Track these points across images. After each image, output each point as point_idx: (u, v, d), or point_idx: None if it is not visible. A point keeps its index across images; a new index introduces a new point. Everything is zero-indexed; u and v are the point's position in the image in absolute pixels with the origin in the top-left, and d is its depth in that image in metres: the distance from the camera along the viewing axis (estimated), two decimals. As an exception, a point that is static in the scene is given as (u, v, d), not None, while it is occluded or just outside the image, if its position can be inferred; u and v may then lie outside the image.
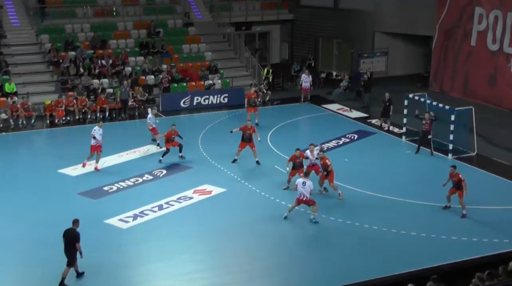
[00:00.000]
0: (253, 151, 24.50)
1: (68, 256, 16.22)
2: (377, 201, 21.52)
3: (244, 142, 24.48)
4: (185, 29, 38.15)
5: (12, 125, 29.31)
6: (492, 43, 33.18)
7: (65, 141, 28.21)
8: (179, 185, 22.80)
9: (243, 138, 24.47)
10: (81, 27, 35.96)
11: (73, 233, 16.23)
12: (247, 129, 24.35)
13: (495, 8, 32.86)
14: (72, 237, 16.17)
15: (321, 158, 21.86)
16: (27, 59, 33.60)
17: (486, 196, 22.07)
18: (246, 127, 24.39)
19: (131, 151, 26.10)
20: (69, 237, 16.23)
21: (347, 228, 19.58)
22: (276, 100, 34.50)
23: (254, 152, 24.51)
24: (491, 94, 33.25)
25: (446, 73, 36.06)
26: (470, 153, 25.84)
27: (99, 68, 33.29)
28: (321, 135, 28.16)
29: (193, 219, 20.11)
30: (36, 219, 19.88)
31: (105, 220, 19.78)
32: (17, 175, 23.87)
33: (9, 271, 17.03)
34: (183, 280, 16.74)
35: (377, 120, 30.33)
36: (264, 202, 21.33)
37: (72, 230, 16.31)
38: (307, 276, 16.91)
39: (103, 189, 22.38)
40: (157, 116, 30.91)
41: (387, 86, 36.12)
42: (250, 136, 24.40)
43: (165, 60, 35.38)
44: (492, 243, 18.33)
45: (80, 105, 30.46)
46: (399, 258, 17.70)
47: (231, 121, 30.91)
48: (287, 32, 43.26)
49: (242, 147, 24.55)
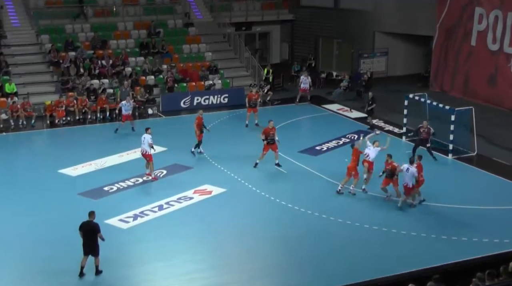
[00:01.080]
0: (275, 153, 24.15)
1: (88, 248, 16.42)
2: (377, 201, 21.51)
3: (269, 144, 23.99)
4: (185, 29, 38.14)
5: (12, 125, 29.30)
6: (492, 43, 33.18)
7: (65, 141, 28.20)
8: (179, 185, 22.79)
9: (268, 141, 23.94)
10: (81, 27, 35.97)
11: (91, 225, 16.42)
12: (270, 130, 23.92)
13: (495, 8, 32.85)
14: (91, 230, 16.35)
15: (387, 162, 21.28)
16: (27, 60, 33.58)
17: (486, 196, 22.10)
18: (268, 129, 23.96)
19: (131, 151, 26.06)
20: (87, 230, 16.39)
21: (347, 228, 19.58)
22: (276, 100, 34.50)
23: (276, 154, 24.16)
24: (491, 94, 33.24)
25: (446, 73, 36.06)
26: (470, 153, 25.83)
27: (99, 69, 33.28)
28: (321, 136, 28.21)
29: (194, 219, 20.12)
30: (36, 219, 19.88)
31: (106, 220, 19.72)
32: (18, 175, 23.88)
33: (9, 270, 17.03)
34: (183, 280, 16.75)
35: (377, 120, 30.35)
36: (264, 202, 21.33)
37: (89, 222, 16.47)
38: (307, 276, 16.91)
39: (104, 189, 22.38)
40: (158, 117, 30.97)
41: (387, 86, 36.24)
42: (273, 137, 24.01)
43: (165, 61, 35.37)
44: (493, 243, 18.32)
45: (81, 106, 30.45)
46: (399, 258, 17.70)
47: (231, 122, 30.96)
48: (287, 32, 43.26)
49: (267, 150, 24.06)
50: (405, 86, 34.61)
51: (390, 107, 31.42)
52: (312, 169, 24.24)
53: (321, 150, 26.71)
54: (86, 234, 16.41)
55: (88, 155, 25.35)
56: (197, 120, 25.57)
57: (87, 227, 16.42)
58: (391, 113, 30.70)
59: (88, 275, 16.60)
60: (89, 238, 16.38)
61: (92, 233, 16.36)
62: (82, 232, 16.46)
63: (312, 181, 23.28)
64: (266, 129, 24.05)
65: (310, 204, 20.98)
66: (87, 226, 16.44)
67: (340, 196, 21.90)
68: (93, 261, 16.61)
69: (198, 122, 25.52)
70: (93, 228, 16.38)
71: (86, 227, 16.43)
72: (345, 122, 31.03)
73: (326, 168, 24.17)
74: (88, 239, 16.39)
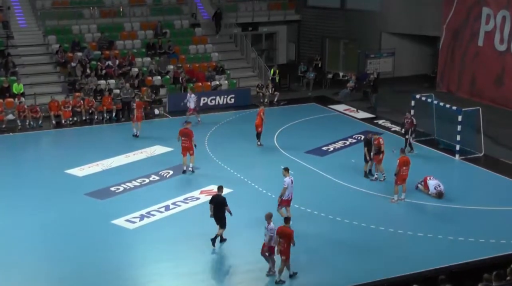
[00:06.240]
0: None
1: (218, 219, 18.17)
2: (384, 203, 21.48)
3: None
4: (192, 29, 38.18)
5: (19, 126, 29.38)
6: (500, 43, 33.07)
7: (72, 142, 28.27)
8: (185, 185, 22.84)
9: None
10: (88, 28, 36.05)
11: (221, 198, 18.23)
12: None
13: (503, 9, 32.75)
14: (221, 202, 18.16)
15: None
16: (34, 60, 33.69)
17: (493, 196, 22.04)
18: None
19: (138, 152, 26.13)
20: (218, 203, 18.16)
21: (354, 229, 19.56)
22: (283, 100, 34.48)
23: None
24: (498, 94, 33.15)
25: (453, 73, 35.97)
26: (477, 154, 25.76)
27: (106, 69, 33.35)
28: (328, 136, 28.17)
29: (200, 219, 20.08)
30: (43, 219, 19.94)
31: (112, 220, 19.82)
32: (24, 175, 23.94)
33: (17, 269, 17.07)
34: (189, 280, 16.77)
35: (384, 120, 30.31)
36: (270, 203, 21.27)
37: (219, 196, 18.31)
38: (312, 276, 16.89)
39: (110, 189, 22.42)
40: (164, 117, 31.04)
41: (394, 86, 36.18)
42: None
43: (171, 61, 35.41)
44: (500, 244, 18.28)
45: (87, 106, 30.52)
46: (405, 258, 17.66)
47: (237, 122, 30.95)
48: (293, 33, 43.24)
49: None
50: (411, 87, 34.52)
51: (396, 107, 31.36)
52: (318, 169, 24.24)
53: (327, 151, 26.68)
54: (216, 206, 18.18)
55: (95, 156, 25.40)
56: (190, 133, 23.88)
57: (217, 200, 18.22)
58: (398, 114, 30.58)
59: (95, 275, 16.59)
60: (219, 209, 18.12)
61: (221, 204, 18.12)
62: (213, 205, 18.20)
63: (318, 182, 23.27)
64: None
65: (316, 205, 20.97)
66: (217, 199, 18.26)
67: (346, 197, 21.90)
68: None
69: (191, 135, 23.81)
70: (222, 201, 18.16)
71: (216, 200, 18.24)
72: (351, 122, 30.99)
73: (332, 169, 24.15)
74: (217, 210, 18.15)
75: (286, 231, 16.18)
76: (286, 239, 16.06)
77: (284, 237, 16.09)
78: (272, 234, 16.29)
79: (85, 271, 16.88)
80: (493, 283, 12.14)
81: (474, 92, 34.47)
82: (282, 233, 16.13)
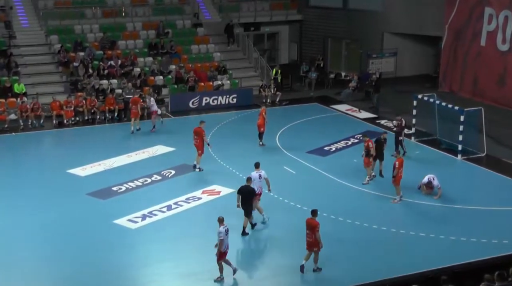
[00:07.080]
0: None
1: (245, 208, 18.76)
2: (386, 203, 21.47)
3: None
4: (194, 29, 38.19)
5: (22, 125, 29.40)
6: (502, 43, 33.02)
7: (74, 142, 28.26)
8: (187, 185, 22.83)
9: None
10: (90, 27, 36.07)
11: (249, 189, 18.86)
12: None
13: (505, 8, 32.71)
14: (249, 192, 18.82)
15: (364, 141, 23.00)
16: (37, 60, 33.72)
17: (495, 196, 22.01)
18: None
19: (140, 151, 26.14)
20: (246, 193, 18.76)
21: (356, 229, 19.56)
22: (285, 100, 34.47)
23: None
24: (500, 94, 33.11)
25: (455, 73, 35.94)
26: (479, 154, 25.72)
27: (108, 69, 33.36)
28: (330, 136, 28.15)
29: (202, 219, 20.11)
30: (44, 219, 19.96)
31: (114, 220, 19.83)
32: (26, 175, 23.95)
33: (19, 269, 17.09)
34: (191, 280, 16.77)
35: (386, 120, 30.31)
36: (272, 203, 21.29)
37: (247, 186, 18.89)
38: (314, 277, 16.88)
39: (112, 189, 22.43)
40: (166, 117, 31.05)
41: (396, 86, 36.16)
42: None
43: (174, 61, 35.42)
44: (502, 244, 18.25)
45: (89, 106, 30.53)
46: (407, 258, 17.65)
47: (239, 122, 30.95)
48: (295, 33, 43.23)
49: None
50: (413, 87, 34.49)
51: (398, 107, 31.31)
52: (320, 169, 24.22)
53: (329, 151, 26.67)
54: (243, 196, 18.72)
55: (97, 155, 25.42)
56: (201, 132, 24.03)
57: (245, 190, 18.80)
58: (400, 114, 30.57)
59: (96, 275, 16.60)
60: (246, 199, 18.73)
61: (249, 194, 18.80)
62: (241, 195, 18.73)
63: (320, 182, 23.26)
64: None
65: (318, 205, 20.81)
66: (245, 189, 18.82)
67: (348, 197, 21.90)
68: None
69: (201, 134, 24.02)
70: (250, 191, 18.84)
71: (244, 190, 18.80)
72: (353, 122, 30.97)
73: (334, 169, 24.14)
74: (244, 200, 18.73)
75: (312, 223, 16.78)
76: (313, 231, 16.66)
77: (310, 229, 16.73)
78: (222, 237, 16.32)
79: (86, 271, 16.89)
80: (495, 283, 12.14)
81: (476, 92, 34.43)
82: (309, 224, 16.80)
